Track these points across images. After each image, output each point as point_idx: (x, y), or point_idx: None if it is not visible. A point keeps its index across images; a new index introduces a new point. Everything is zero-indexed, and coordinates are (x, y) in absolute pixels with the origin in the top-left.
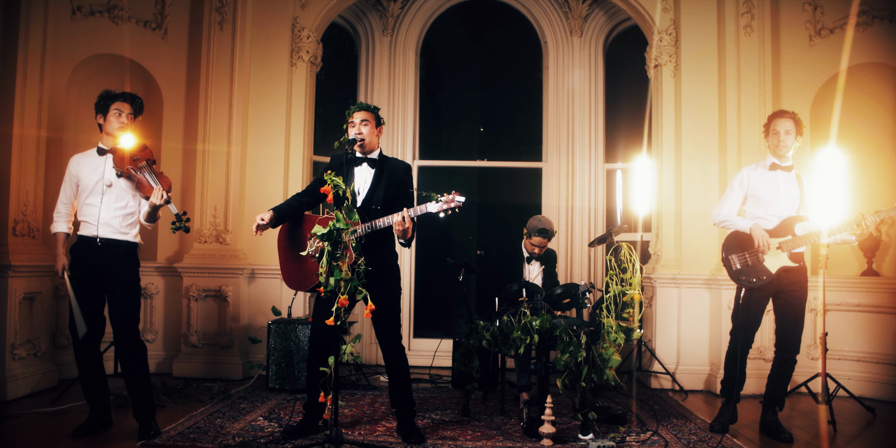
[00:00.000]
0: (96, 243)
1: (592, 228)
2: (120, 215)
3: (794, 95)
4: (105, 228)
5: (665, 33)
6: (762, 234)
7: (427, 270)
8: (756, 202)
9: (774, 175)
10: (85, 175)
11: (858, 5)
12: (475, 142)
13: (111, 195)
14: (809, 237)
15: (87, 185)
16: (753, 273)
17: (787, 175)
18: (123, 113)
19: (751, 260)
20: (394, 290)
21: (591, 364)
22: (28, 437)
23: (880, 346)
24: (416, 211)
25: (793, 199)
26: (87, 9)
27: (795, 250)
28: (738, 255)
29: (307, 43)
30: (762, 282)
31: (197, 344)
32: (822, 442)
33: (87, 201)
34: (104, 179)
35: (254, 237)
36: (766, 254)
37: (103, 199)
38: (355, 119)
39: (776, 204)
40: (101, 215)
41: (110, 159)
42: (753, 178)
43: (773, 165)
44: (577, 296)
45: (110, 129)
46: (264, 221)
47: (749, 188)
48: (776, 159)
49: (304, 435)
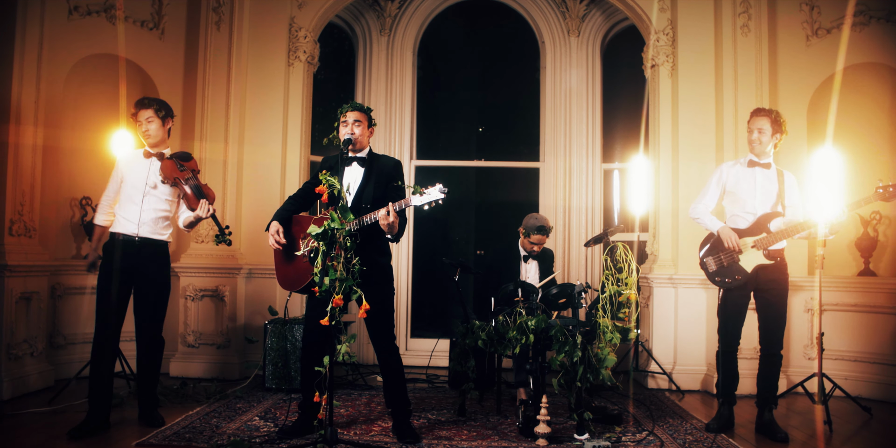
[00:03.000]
0: (135, 242)
1: (590, 228)
2: (160, 217)
3: (791, 95)
4: (144, 228)
5: (662, 33)
6: (729, 235)
7: (424, 270)
8: (733, 199)
9: (752, 172)
10: (131, 174)
11: (855, 5)
12: (473, 142)
13: (153, 197)
14: (783, 233)
15: (132, 184)
16: (729, 273)
17: (766, 172)
18: (142, 122)
19: (726, 260)
20: (386, 290)
21: (587, 364)
22: (24, 436)
23: (877, 347)
24: (400, 204)
25: (769, 196)
26: (83, 9)
27: (772, 247)
28: (714, 256)
29: (304, 43)
30: (737, 282)
31: (194, 344)
32: (818, 442)
33: (131, 200)
34: (149, 181)
35: (251, 237)
36: (742, 253)
37: (145, 200)
38: (348, 118)
39: (751, 202)
40: (142, 216)
41: (156, 164)
42: (731, 174)
43: (752, 162)
44: (573, 296)
45: (142, 136)
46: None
47: (726, 184)
48: (754, 156)
49: (300, 435)
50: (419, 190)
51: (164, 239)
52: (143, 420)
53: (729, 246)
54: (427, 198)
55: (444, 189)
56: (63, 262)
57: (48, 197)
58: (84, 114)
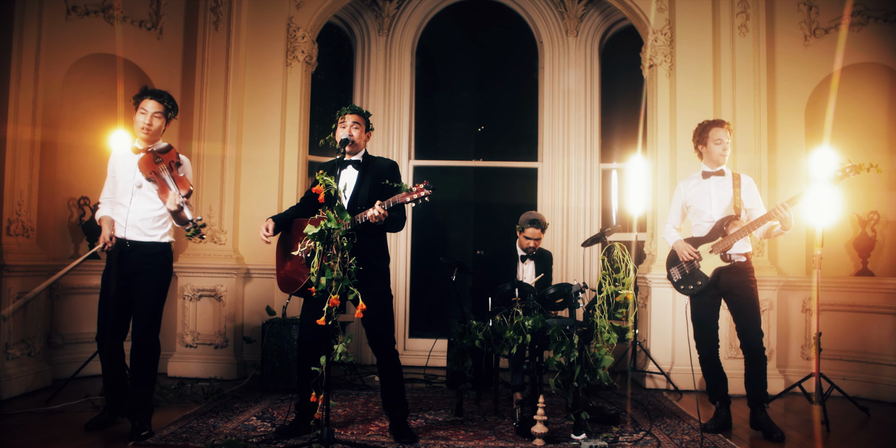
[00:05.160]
0: (126, 246)
1: (588, 228)
2: (150, 218)
3: (789, 95)
4: (132, 230)
5: (660, 33)
6: (681, 246)
7: (423, 270)
8: (695, 212)
9: (707, 183)
10: (120, 173)
11: (853, 5)
12: (471, 142)
13: (140, 196)
14: (738, 234)
15: (121, 183)
16: (691, 280)
17: (721, 180)
18: (149, 112)
19: (688, 268)
20: (382, 292)
21: (584, 364)
22: (22, 436)
23: (875, 347)
24: (388, 203)
25: (724, 202)
26: (81, 9)
27: (731, 251)
28: (677, 266)
29: (302, 43)
30: (699, 287)
31: (192, 344)
32: (815, 442)
33: (119, 200)
34: (135, 180)
35: (249, 237)
36: (701, 260)
37: (132, 200)
38: (347, 121)
39: (708, 211)
40: (129, 217)
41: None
42: (688, 189)
43: (705, 173)
44: (570, 296)
45: (136, 129)
46: (269, 232)
47: (686, 200)
48: (707, 167)
49: (297, 435)
50: (406, 187)
51: (155, 240)
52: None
53: (685, 258)
54: (413, 195)
55: (429, 186)
56: (61, 262)
57: (46, 197)
58: (82, 114)
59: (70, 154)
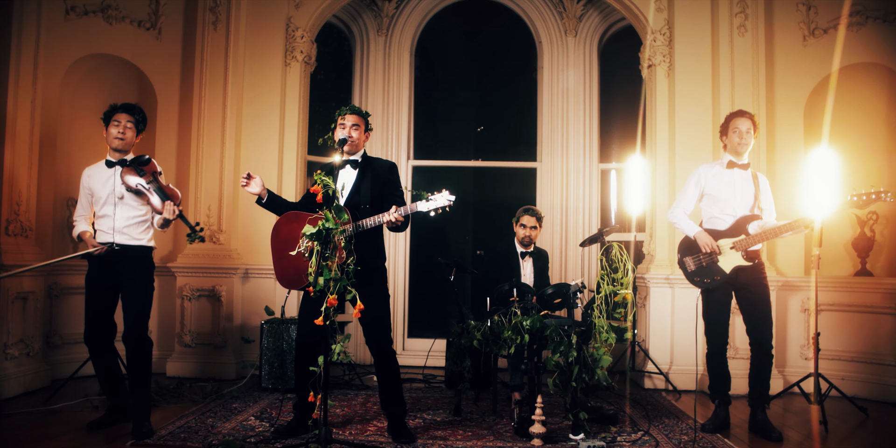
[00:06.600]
0: (113, 248)
1: (587, 228)
2: (134, 223)
3: (788, 95)
4: (120, 236)
5: (659, 33)
6: (706, 240)
7: (422, 270)
8: (712, 201)
9: (731, 173)
10: (97, 187)
11: (852, 5)
12: (470, 142)
13: (124, 206)
14: (764, 236)
15: (101, 197)
16: (708, 274)
17: (744, 174)
18: (122, 123)
19: (705, 261)
20: (380, 292)
21: (583, 364)
22: (19, 436)
23: (873, 347)
24: (407, 209)
25: (748, 197)
26: (80, 9)
27: (750, 249)
28: (693, 256)
29: (301, 43)
30: (716, 282)
31: (190, 344)
32: (813, 442)
33: (102, 212)
34: (115, 192)
35: (247, 237)
36: (721, 255)
37: (116, 211)
38: (346, 121)
39: (731, 203)
40: (116, 225)
41: (119, 173)
42: (710, 176)
43: (731, 164)
44: (569, 295)
45: (109, 140)
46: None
47: (705, 187)
48: (733, 158)
49: (295, 434)
50: (426, 196)
51: (142, 244)
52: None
53: (705, 251)
54: (433, 204)
55: (450, 196)
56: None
57: (44, 197)
58: (80, 113)
59: (68, 154)
